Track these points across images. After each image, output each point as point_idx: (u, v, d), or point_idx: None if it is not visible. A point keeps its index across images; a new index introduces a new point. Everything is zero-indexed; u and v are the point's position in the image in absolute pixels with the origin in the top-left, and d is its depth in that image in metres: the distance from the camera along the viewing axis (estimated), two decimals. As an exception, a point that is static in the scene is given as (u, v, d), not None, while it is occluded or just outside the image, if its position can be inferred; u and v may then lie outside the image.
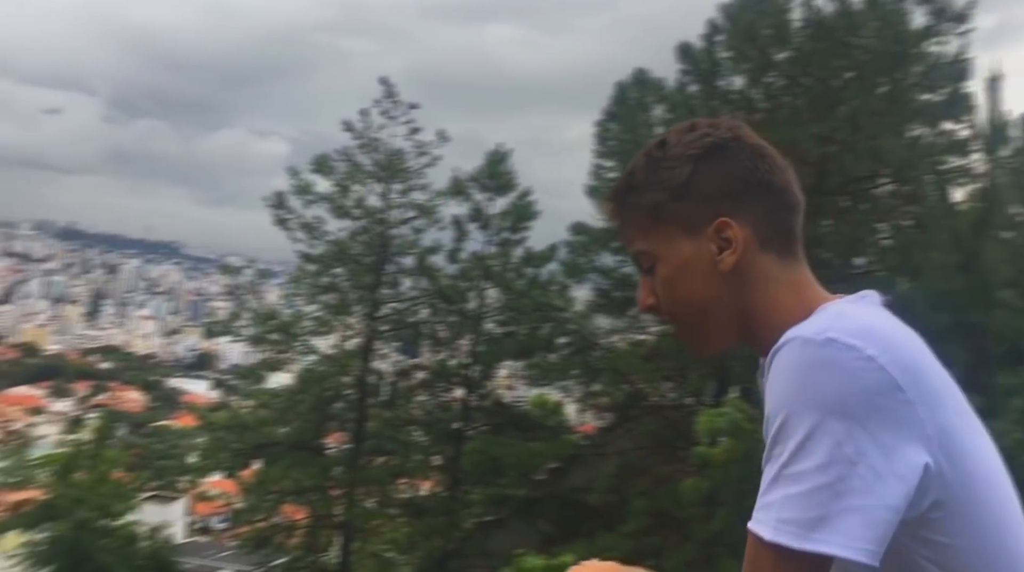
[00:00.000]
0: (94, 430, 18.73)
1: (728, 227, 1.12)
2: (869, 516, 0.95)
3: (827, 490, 0.95)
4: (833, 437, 0.95)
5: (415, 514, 16.85)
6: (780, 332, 1.04)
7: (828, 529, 0.94)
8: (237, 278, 20.78)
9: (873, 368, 0.97)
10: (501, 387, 20.00)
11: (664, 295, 1.18)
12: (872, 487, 0.95)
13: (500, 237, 16.84)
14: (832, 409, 0.97)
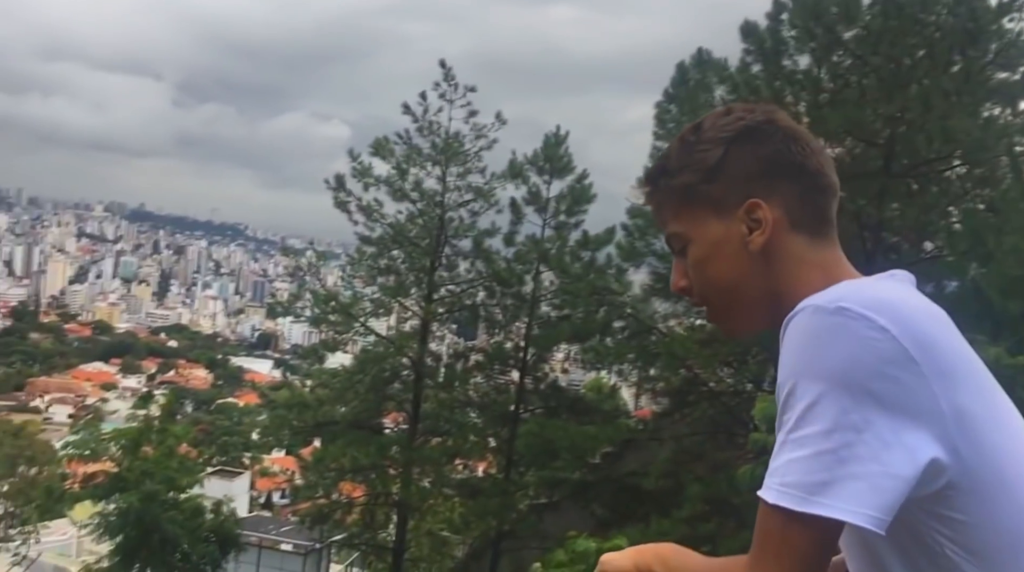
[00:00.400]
0: (161, 406, 19.35)
1: (758, 208, 1.12)
2: (874, 483, 0.94)
3: (831, 455, 0.95)
4: (840, 404, 0.95)
5: (470, 494, 17.00)
6: None
7: (831, 494, 0.94)
8: (298, 260, 21.15)
9: (885, 338, 0.97)
10: (556, 370, 20.00)
11: (695, 277, 1.19)
12: (878, 455, 0.94)
13: (557, 220, 16.77)
14: (841, 376, 0.96)
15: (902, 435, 0.95)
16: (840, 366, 0.97)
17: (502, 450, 17.31)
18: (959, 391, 0.99)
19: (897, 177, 11.40)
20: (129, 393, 74.58)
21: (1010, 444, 1.02)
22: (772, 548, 0.99)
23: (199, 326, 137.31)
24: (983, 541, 1.00)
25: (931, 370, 0.97)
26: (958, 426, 0.98)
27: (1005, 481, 1.00)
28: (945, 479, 0.97)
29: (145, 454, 14.98)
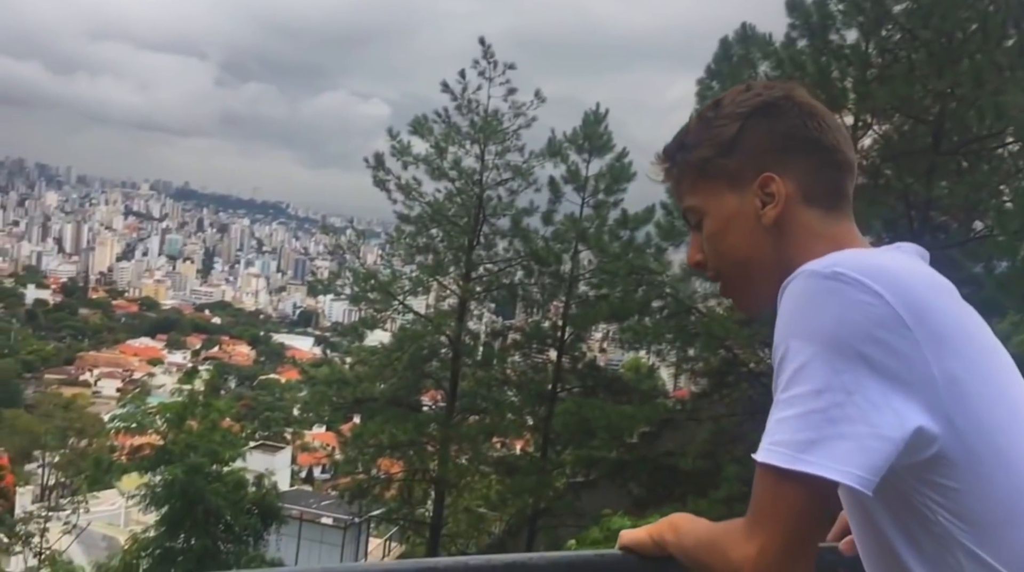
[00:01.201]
0: (205, 381, 19.74)
1: (772, 182, 1.14)
2: (862, 443, 0.95)
3: (820, 415, 0.96)
4: (831, 365, 0.97)
5: (507, 472, 17.10)
6: None
7: (818, 452, 0.96)
8: (338, 239, 21.31)
9: (879, 303, 0.98)
10: (594, 350, 19.94)
11: (710, 250, 1.22)
12: (867, 416, 0.95)
13: (596, 199, 16.65)
14: (832, 338, 0.98)
15: (891, 399, 0.96)
16: (832, 328, 0.98)
17: (539, 429, 17.35)
18: (954, 358, 0.99)
19: (946, 154, 11.09)
20: (175, 368, 76.21)
21: (1006, 414, 1.03)
22: (765, 506, 1.00)
23: (242, 303, 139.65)
24: (975, 509, 1.01)
25: (925, 336, 0.98)
26: (950, 393, 0.98)
27: (998, 450, 1.01)
28: (936, 447, 0.98)
29: (189, 428, 15.31)
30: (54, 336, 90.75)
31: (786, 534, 0.99)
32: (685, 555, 1.17)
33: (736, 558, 1.01)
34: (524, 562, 1.33)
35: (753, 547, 1.00)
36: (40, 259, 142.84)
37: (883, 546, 1.09)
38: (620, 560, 1.32)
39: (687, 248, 1.26)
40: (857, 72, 11.60)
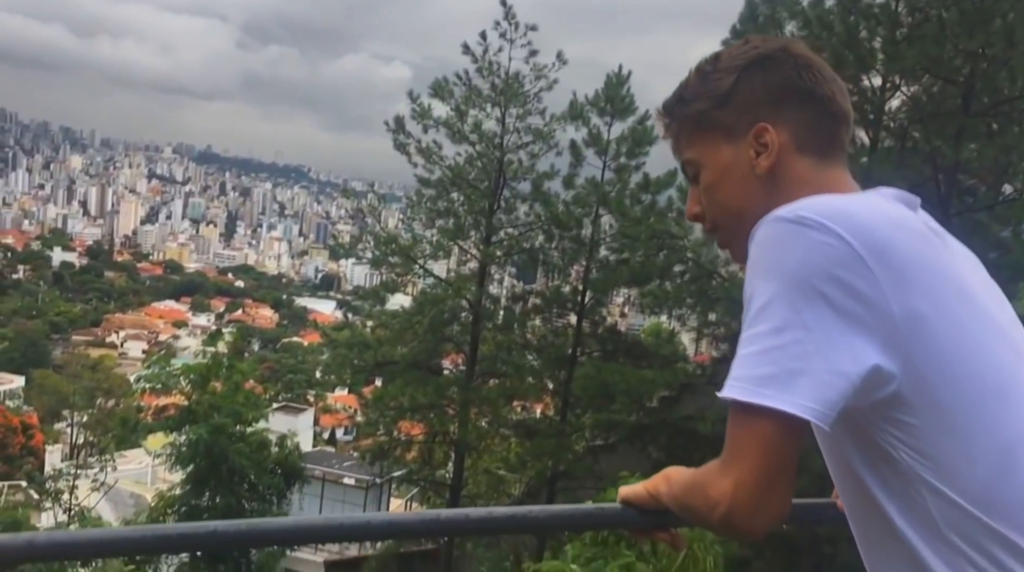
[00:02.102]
0: (229, 344, 19.96)
1: (766, 132, 1.17)
2: (818, 379, 0.99)
3: (779, 351, 1.00)
4: (791, 304, 1.01)
5: (526, 435, 17.22)
6: None
7: (777, 386, 0.99)
8: (359, 202, 21.31)
9: (839, 244, 1.01)
10: (615, 315, 19.93)
11: (707, 202, 1.25)
12: (825, 353, 0.99)
13: (617, 162, 16.50)
14: (794, 278, 1.02)
15: (849, 337, 0.99)
16: (794, 269, 1.02)
17: (559, 392, 17.43)
18: (916, 296, 1.02)
19: (976, 116, 10.84)
20: (199, 331, 77.18)
21: (969, 350, 1.04)
22: (737, 442, 1.04)
23: (264, 267, 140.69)
24: (935, 445, 1.03)
25: (885, 275, 1.01)
26: (910, 329, 1.01)
27: (959, 388, 1.03)
28: (894, 385, 1.01)
29: (213, 389, 15.50)
30: (80, 298, 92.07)
31: (759, 467, 1.02)
32: (676, 502, 1.22)
33: (715, 494, 1.05)
34: (524, 515, 1.36)
35: (729, 482, 1.04)
36: (66, 222, 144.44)
37: (854, 482, 1.13)
38: (619, 513, 1.37)
39: (687, 201, 1.29)
40: (886, 32, 11.33)
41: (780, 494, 1.04)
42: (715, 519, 1.07)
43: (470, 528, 1.42)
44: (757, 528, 1.05)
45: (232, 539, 1.27)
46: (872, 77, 11.76)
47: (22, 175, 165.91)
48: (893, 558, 1.11)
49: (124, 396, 36.24)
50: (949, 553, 1.05)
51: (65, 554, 2.22)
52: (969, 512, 1.03)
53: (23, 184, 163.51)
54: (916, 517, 1.06)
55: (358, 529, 1.29)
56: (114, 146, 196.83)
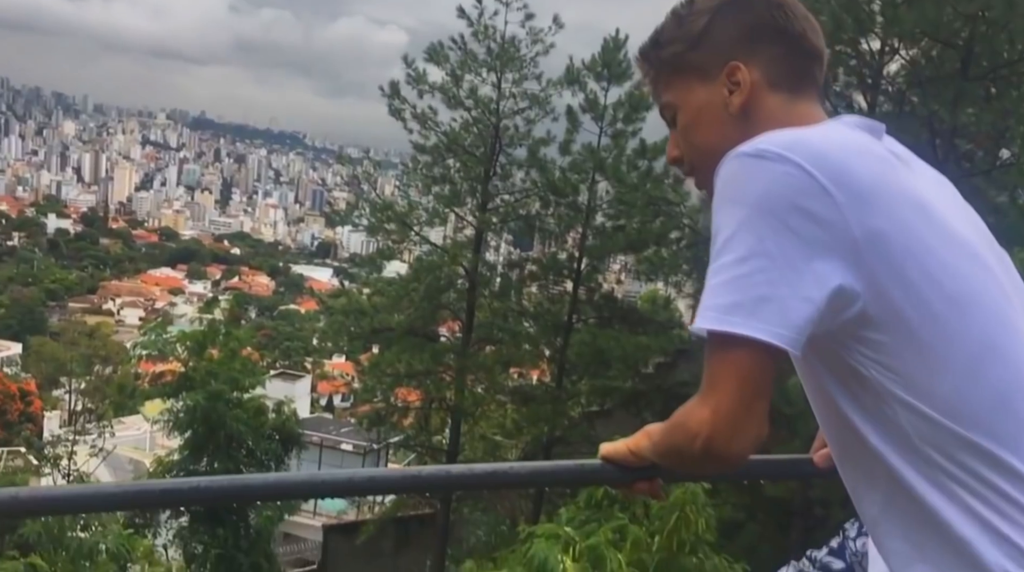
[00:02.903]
0: (225, 311, 19.95)
1: (738, 70, 1.20)
2: (784, 304, 1.02)
3: (745, 280, 1.04)
4: (755, 233, 1.04)
5: (522, 401, 17.31)
6: None
7: (744, 313, 1.03)
8: (355, 169, 21.20)
9: (799, 173, 1.04)
10: (611, 281, 19.95)
11: (684, 144, 1.27)
12: (789, 279, 1.02)
13: (614, 128, 16.37)
14: (756, 209, 1.05)
15: (812, 262, 1.03)
16: (756, 200, 1.05)
17: (555, 359, 17.48)
18: (875, 216, 1.04)
19: (975, 80, 10.76)
20: (196, 298, 77.20)
21: (931, 265, 1.07)
22: (712, 372, 1.08)
23: (260, 234, 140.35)
24: (904, 360, 1.06)
25: (845, 199, 1.03)
26: (871, 249, 1.04)
27: (922, 301, 1.05)
28: (860, 304, 1.05)
29: (210, 356, 15.54)
30: (76, 265, 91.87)
31: (734, 395, 1.06)
32: (658, 450, 1.25)
33: (694, 426, 1.09)
34: (505, 471, 1.38)
35: (707, 411, 1.08)
36: (60, 188, 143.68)
37: (830, 405, 1.16)
38: (599, 469, 1.39)
39: (667, 146, 1.32)
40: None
41: (757, 419, 1.07)
42: (697, 450, 1.10)
43: (451, 484, 1.44)
44: (737, 453, 1.09)
45: (215, 494, 1.29)
46: (870, 40, 11.64)
47: (15, 141, 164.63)
48: (871, 477, 1.14)
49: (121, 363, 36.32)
50: (924, 466, 1.08)
51: (49, 509, 2.24)
52: (940, 423, 1.06)
53: (16, 150, 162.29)
54: (890, 434, 1.09)
55: (340, 485, 1.29)
56: (107, 112, 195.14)
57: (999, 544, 1.05)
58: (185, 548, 14.43)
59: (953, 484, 1.07)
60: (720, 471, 1.17)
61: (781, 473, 2.14)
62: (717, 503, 8.11)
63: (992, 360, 1.07)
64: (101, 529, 8.58)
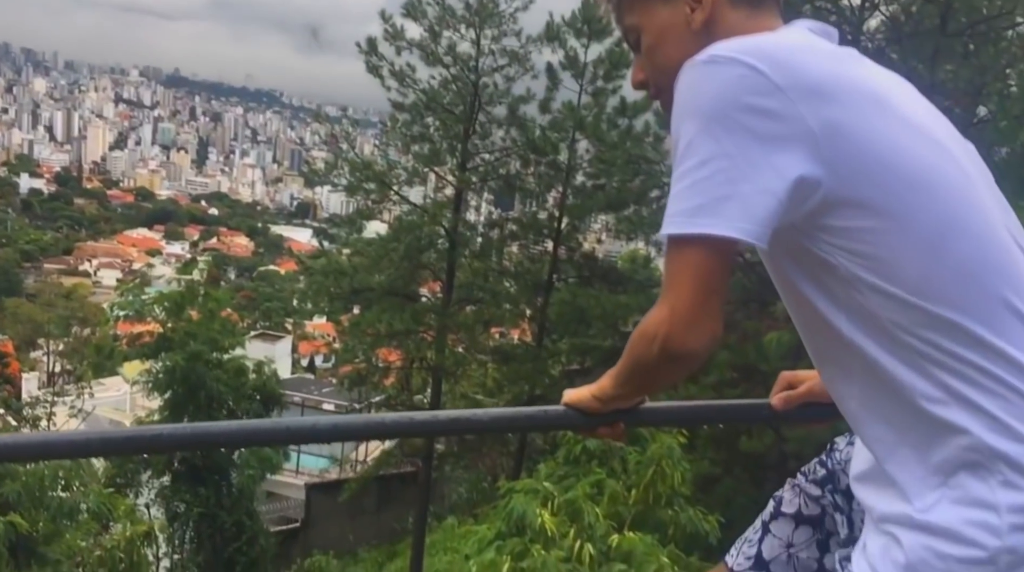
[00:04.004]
0: (203, 271, 19.83)
1: None
2: (746, 200, 1.05)
3: (707, 182, 1.06)
4: (712, 136, 1.06)
5: (503, 360, 17.40)
6: None
7: (708, 214, 1.06)
8: (333, 127, 20.95)
9: (751, 73, 1.06)
10: (592, 240, 19.96)
11: (649, 67, 1.28)
12: (749, 176, 1.05)
13: (594, 86, 16.25)
14: (711, 112, 1.07)
15: (771, 156, 1.05)
16: (711, 104, 1.07)
17: (536, 318, 17.55)
18: (830, 108, 1.06)
19: (953, 36, 10.74)
20: (174, 259, 76.47)
21: (888, 149, 1.08)
22: (670, 275, 1.11)
23: (238, 194, 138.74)
24: (868, 242, 1.09)
25: (798, 94, 1.05)
26: (828, 138, 1.06)
27: (882, 183, 1.07)
28: (821, 190, 1.07)
29: (189, 317, 15.47)
30: (51, 226, 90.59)
31: (690, 292, 1.10)
32: (619, 376, 1.29)
33: (652, 328, 1.14)
34: (468, 417, 1.39)
35: (665, 310, 1.12)
36: (32, 147, 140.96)
37: (802, 303, 1.18)
38: (562, 415, 1.41)
39: (631, 71, 1.33)
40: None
41: (712, 315, 1.11)
42: (655, 352, 1.14)
43: (415, 430, 1.46)
44: (693, 349, 1.12)
45: (178, 442, 1.29)
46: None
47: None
48: (848, 370, 1.17)
49: (99, 325, 36.03)
50: (897, 349, 1.10)
51: (10, 456, 2.23)
52: (908, 302, 1.08)
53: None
54: (862, 321, 1.11)
55: (304, 432, 1.30)
56: (78, 69, 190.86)
57: (977, 417, 1.07)
58: (167, 507, 14.50)
59: (927, 363, 1.09)
60: (679, 372, 1.19)
61: (741, 417, 2.18)
62: (693, 458, 8.24)
63: (955, 236, 1.09)
64: (82, 489, 8.59)
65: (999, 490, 1.05)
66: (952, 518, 1.07)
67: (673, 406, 1.60)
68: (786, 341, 8.56)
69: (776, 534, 1.52)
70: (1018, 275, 1.11)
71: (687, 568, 4.69)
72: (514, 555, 4.36)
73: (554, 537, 4.54)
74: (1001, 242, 1.12)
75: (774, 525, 1.53)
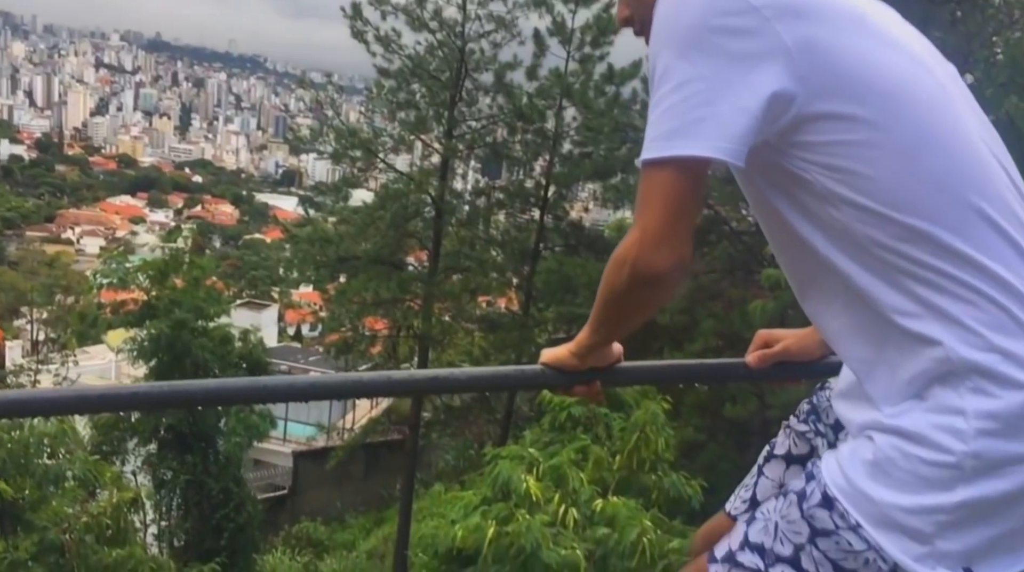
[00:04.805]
0: (187, 239, 19.70)
1: None
2: (722, 119, 1.06)
3: (683, 104, 1.07)
4: (687, 60, 1.08)
5: (490, 328, 17.44)
6: None
7: (684, 136, 1.07)
8: (317, 94, 20.72)
9: None
10: (578, 209, 19.93)
11: (634, 1, 1.27)
12: (724, 95, 1.06)
13: (581, 52, 16.11)
14: (685, 37, 1.09)
15: (747, 76, 1.06)
16: (684, 29, 1.09)
17: (522, 286, 17.56)
18: (805, 25, 1.08)
19: (940, 3, 10.70)
20: (157, 227, 75.85)
21: (864, 64, 1.09)
22: (643, 199, 1.13)
23: (222, 162, 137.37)
24: (842, 155, 1.09)
25: (773, 11, 1.07)
26: (803, 53, 1.07)
27: (856, 96, 1.08)
28: (796, 105, 1.08)
29: (173, 285, 15.38)
30: (32, 193, 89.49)
31: (662, 213, 1.11)
32: (595, 317, 1.31)
33: (623, 253, 1.15)
34: (446, 376, 1.40)
35: (636, 232, 1.13)
36: (11, 113, 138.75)
37: (781, 225, 1.19)
38: (539, 373, 1.43)
39: (615, 9, 1.33)
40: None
41: (681, 236, 1.12)
42: (625, 277, 1.15)
43: (393, 389, 1.47)
44: (662, 269, 1.13)
45: (154, 400, 1.30)
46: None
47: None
48: (828, 293, 1.18)
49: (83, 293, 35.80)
50: (873, 263, 1.11)
51: None
52: (884, 215, 1.09)
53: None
54: (838, 238, 1.13)
55: (282, 390, 1.30)
56: (58, 32, 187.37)
57: (949, 328, 1.08)
58: (154, 474, 14.53)
59: (902, 277, 1.10)
60: (650, 298, 1.19)
61: (717, 376, 2.22)
62: (678, 425, 8.32)
63: (929, 148, 1.10)
64: (68, 456, 8.59)
65: (968, 396, 1.07)
66: (920, 422, 1.09)
67: (649, 365, 1.62)
68: (771, 309, 8.61)
69: (768, 476, 1.55)
70: (992, 186, 1.12)
71: (670, 532, 4.75)
72: (499, 520, 4.40)
73: (539, 502, 4.58)
74: (977, 154, 1.13)
75: (767, 468, 1.56)
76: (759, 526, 1.24)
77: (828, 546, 1.15)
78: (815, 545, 1.16)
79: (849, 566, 1.14)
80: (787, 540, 1.19)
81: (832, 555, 1.15)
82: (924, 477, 1.08)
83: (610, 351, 1.46)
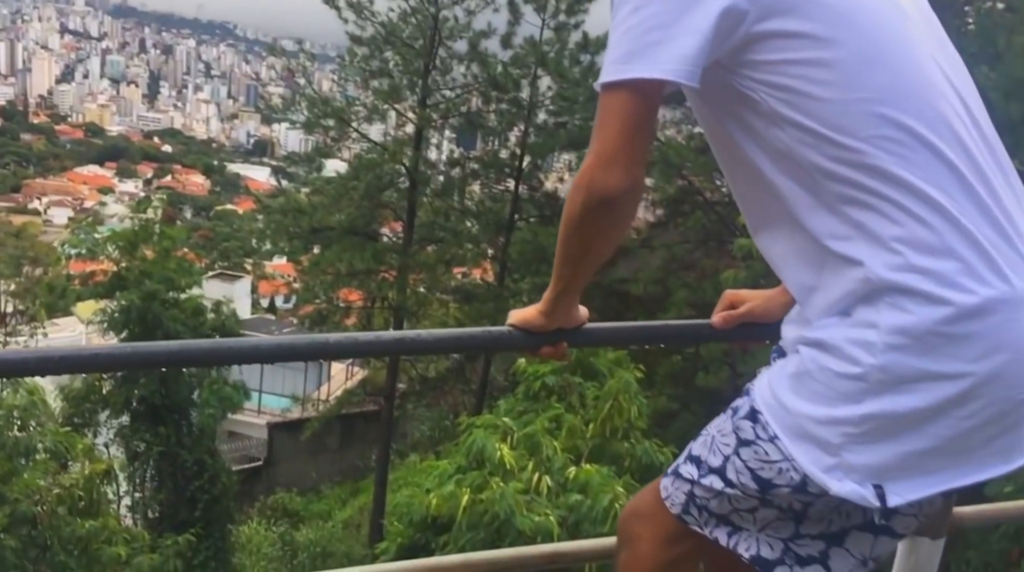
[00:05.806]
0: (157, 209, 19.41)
1: None
2: (676, 42, 1.09)
3: (637, 28, 1.11)
4: None
5: (465, 299, 17.44)
6: None
7: (639, 59, 1.10)
8: (289, 62, 20.41)
9: None
10: (553, 179, 19.89)
11: None
12: (678, 18, 1.09)
13: (556, 21, 15.98)
14: None
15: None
16: None
17: (497, 257, 17.55)
18: None
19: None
20: (127, 197, 74.65)
21: None
22: (599, 123, 1.14)
23: (193, 131, 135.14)
24: (790, 76, 1.11)
25: None
26: None
27: (808, 15, 1.10)
28: (746, 24, 1.10)
29: (143, 256, 15.17)
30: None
31: (615, 135, 1.13)
32: (558, 255, 1.30)
33: (577, 178, 1.17)
34: (412, 338, 1.41)
35: (592, 156, 1.15)
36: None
37: (730, 149, 1.22)
38: (506, 335, 1.44)
39: None
40: None
41: (634, 157, 1.13)
42: (581, 199, 1.16)
43: (359, 351, 1.48)
44: (616, 187, 1.14)
45: (116, 361, 1.30)
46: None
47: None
48: (774, 218, 1.21)
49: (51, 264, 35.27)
50: (813, 187, 1.13)
51: None
52: (824, 136, 1.10)
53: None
54: (782, 161, 1.15)
55: (246, 352, 1.30)
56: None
57: (874, 249, 1.10)
58: (127, 446, 14.43)
59: (837, 201, 1.12)
60: (607, 222, 1.19)
61: (682, 336, 2.26)
62: (651, 394, 8.40)
63: (873, 67, 1.11)
64: (39, 429, 8.52)
65: (884, 310, 1.09)
66: (837, 335, 1.12)
67: (616, 326, 1.64)
68: (743, 278, 8.68)
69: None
70: (933, 107, 1.12)
71: (642, 498, 4.82)
72: (473, 487, 4.44)
73: (513, 470, 4.62)
74: (923, 74, 1.13)
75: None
76: (700, 440, 1.31)
77: (749, 456, 1.20)
78: (738, 455, 1.21)
79: (765, 475, 1.18)
80: (718, 451, 1.25)
81: (751, 464, 1.19)
82: (835, 389, 1.10)
83: (577, 312, 1.46)
